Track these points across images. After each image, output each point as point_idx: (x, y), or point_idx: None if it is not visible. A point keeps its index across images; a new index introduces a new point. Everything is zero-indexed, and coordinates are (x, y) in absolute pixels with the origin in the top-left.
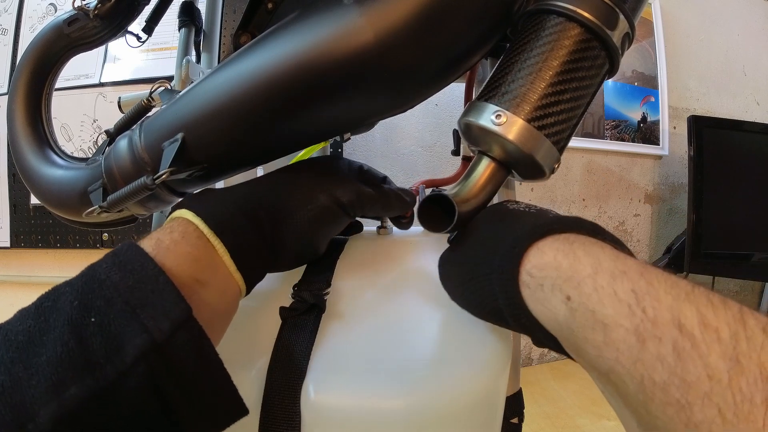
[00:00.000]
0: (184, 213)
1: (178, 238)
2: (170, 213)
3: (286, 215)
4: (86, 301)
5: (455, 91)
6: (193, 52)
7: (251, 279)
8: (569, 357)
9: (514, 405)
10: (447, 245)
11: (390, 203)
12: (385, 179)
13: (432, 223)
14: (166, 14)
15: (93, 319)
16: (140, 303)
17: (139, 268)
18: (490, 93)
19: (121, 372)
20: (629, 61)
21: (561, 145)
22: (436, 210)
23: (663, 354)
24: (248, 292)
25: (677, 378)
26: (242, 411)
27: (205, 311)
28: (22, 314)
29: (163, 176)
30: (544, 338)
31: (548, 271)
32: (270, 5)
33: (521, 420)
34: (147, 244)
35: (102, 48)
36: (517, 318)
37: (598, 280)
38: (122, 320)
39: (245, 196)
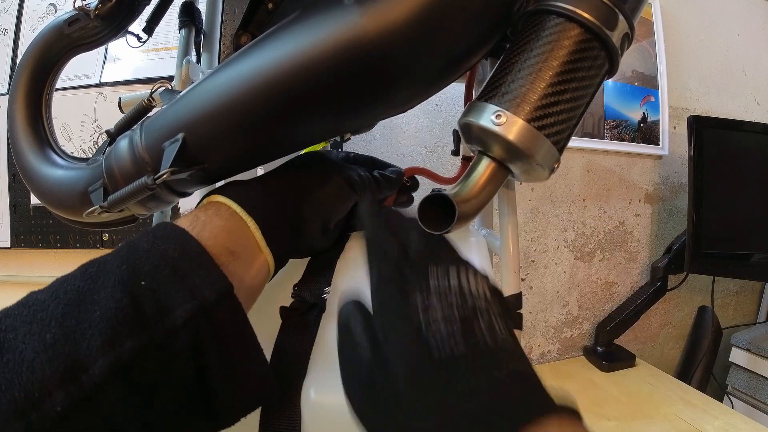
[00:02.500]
0: (213, 197)
1: (212, 214)
2: (200, 201)
3: (307, 194)
4: (134, 267)
5: (455, 91)
6: (194, 52)
7: (278, 256)
8: None
9: None
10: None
11: (380, 185)
12: (373, 160)
13: (432, 223)
14: (166, 14)
15: (143, 282)
16: (186, 273)
17: (181, 242)
18: (490, 93)
19: (172, 331)
20: (629, 61)
21: (561, 145)
22: (437, 210)
23: None
24: (275, 272)
25: None
26: (274, 389)
27: (236, 283)
28: (66, 278)
29: (164, 176)
30: None
31: None
32: (270, 5)
33: None
34: (184, 222)
35: (102, 48)
36: None
37: None
38: (171, 286)
39: (269, 180)
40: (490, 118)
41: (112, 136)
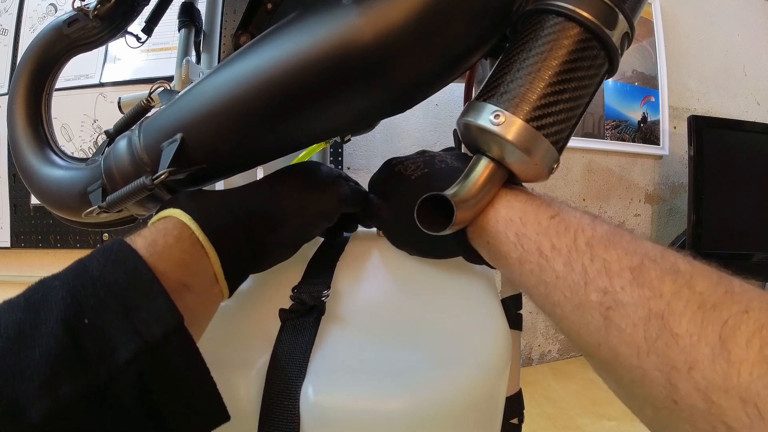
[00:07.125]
0: (179, 214)
1: (172, 242)
2: (161, 209)
3: (276, 225)
4: (79, 299)
5: (455, 91)
6: (193, 53)
7: (234, 285)
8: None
9: (514, 405)
10: None
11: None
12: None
13: (430, 224)
14: (166, 14)
15: (86, 320)
16: (134, 306)
17: (132, 270)
18: (489, 93)
19: (114, 372)
20: (629, 61)
21: (560, 145)
22: (435, 210)
23: (532, 269)
24: (230, 296)
25: (541, 282)
26: (225, 416)
27: (188, 315)
28: (11, 306)
29: (162, 176)
30: (477, 259)
31: (478, 229)
32: (270, 5)
33: (521, 420)
34: (140, 244)
35: (102, 48)
36: (466, 255)
37: (500, 229)
38: (116, 323)
39: (240, 203)
40: (488, 117)
41: (111, 136)
